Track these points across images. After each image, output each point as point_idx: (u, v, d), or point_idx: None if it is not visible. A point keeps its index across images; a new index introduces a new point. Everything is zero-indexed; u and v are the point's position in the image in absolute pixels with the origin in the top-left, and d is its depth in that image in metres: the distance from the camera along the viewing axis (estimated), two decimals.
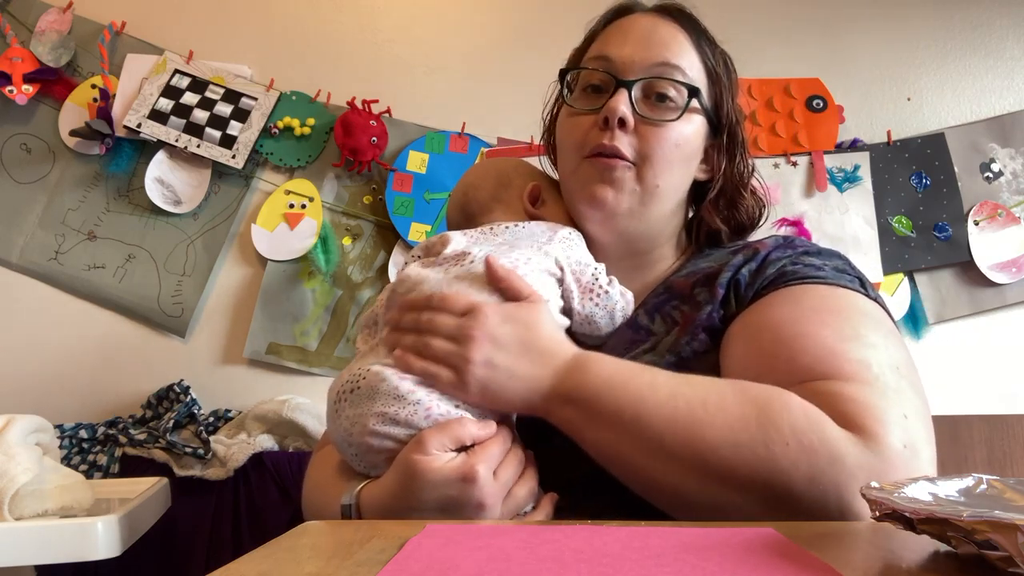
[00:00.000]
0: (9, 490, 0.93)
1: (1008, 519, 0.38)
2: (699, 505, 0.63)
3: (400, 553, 0.45)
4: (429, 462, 0.65)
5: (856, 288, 0.76)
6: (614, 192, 0.83)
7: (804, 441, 0.61)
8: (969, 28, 1.82)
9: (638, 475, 0.66)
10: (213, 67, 1.76)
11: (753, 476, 0.61)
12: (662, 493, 0.65)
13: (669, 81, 0.83)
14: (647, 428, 0.64)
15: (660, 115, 0.83)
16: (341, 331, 1.71)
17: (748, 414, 0.63)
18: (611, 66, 0.85)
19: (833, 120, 1.77)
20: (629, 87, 0.83)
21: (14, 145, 1.74)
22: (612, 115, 0.81)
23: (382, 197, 1.74)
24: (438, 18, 1.82)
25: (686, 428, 0.64)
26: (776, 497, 0.61)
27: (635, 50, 0.84)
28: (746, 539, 0.47)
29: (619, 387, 0.67)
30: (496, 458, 0.67)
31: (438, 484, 0.65)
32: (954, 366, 1.72)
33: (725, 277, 0.79)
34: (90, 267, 1.71)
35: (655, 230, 0.89)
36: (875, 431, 0.62)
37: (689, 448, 0.63)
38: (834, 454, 0.60)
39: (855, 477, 0.60)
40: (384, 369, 0.70)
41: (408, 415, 0.68)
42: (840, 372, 0.66)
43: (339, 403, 0.72)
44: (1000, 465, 1.37)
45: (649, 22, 0.87)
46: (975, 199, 1.75)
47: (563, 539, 0.48)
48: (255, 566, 0.43)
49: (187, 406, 1.59)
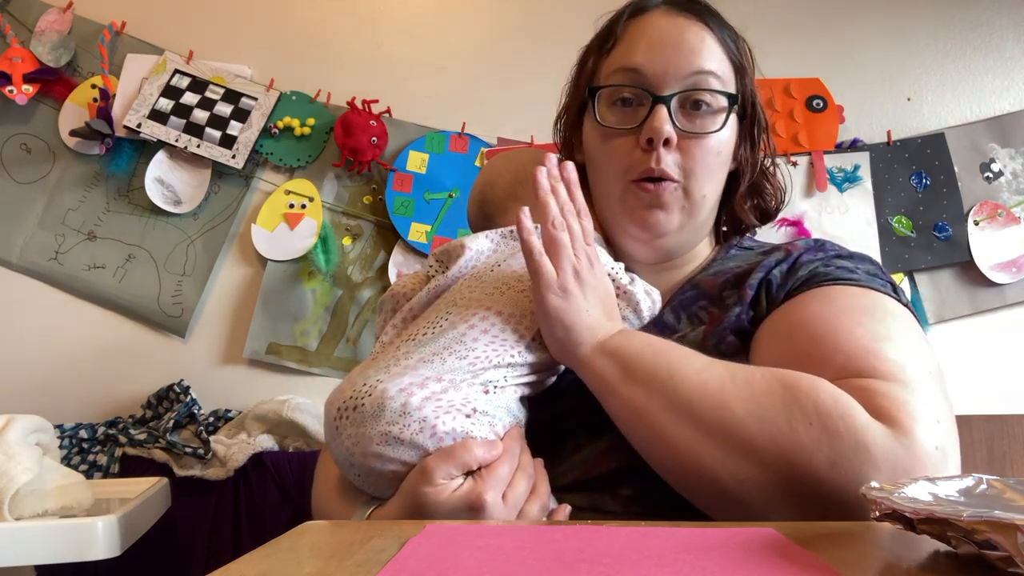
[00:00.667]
0: (9, 490, 0.93)
1: (1008, 519, 0.38)
2: (716, 479, 0.63)
3: (400, 553, 0.45)
4: (436, 493, 0.64)
5: (888, 292, 0.76)
6: (665, 214, 0.82)
7: (829, 424, 0.60)
8: (969, 28, 1.82)
9: (660, 438, 0.66)
10: (213, 67, 1.76)
11: (774, 453, 0.61)
12: (680, 461, 0.65)
13: (706, 90, 0.81)
14: (678, 391, 0.65)
15: (701, 126, 0.81)
16: (341, 331, 1.71)
17: (775, 391, 0.63)
18: (644, 80, 0.81)
19: (833, 120, 1.77)
20: (667, 102, 0.80)
21: (14, 145, 1.74)
22: (658, 136, 0.79)
23: (382, 197, 1.74)
24: (438, 18, 1.82)
25: (715, 397, 0.64)
26: (795, 478, 0.60)
27: (667, 61, 0.80)
28: (746, 539, 0.47)
29: (659, 352, 0.69)
30: (504, 480, 0.65)
31: (446, 514, 0.63)
32: (954, 366, 1.72)
33: (756, 278, 0.79)
34: (90, 267, 1.71)
35: (697, 237, 0.88)
36: (909, 426, 0.60)
37: (716, 415, 0.63)
38: (860, 442, 0.59)
39: (879, 469, 0.59)
40: (389, 386, 0.67)
41: (412, 434, 0.65)
42: (875, 371, 0.65)
43: (340, 420, 0.69)
44: (1000, 465, 1.37)
45: (672, 25, 0.83)
46: (975, 199, 1.75)
47: (563, 539, 0.48)
48: (255, 566, 0.43)
49: (187, 406, 1.59)
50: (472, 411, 0.67)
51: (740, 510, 0.63)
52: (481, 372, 0.69)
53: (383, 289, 1.72)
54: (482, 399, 0.68)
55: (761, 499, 0.61)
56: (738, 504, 0.62)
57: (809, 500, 0.60)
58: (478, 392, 0.68)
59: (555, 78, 0.96)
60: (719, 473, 0.62)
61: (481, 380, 0.69)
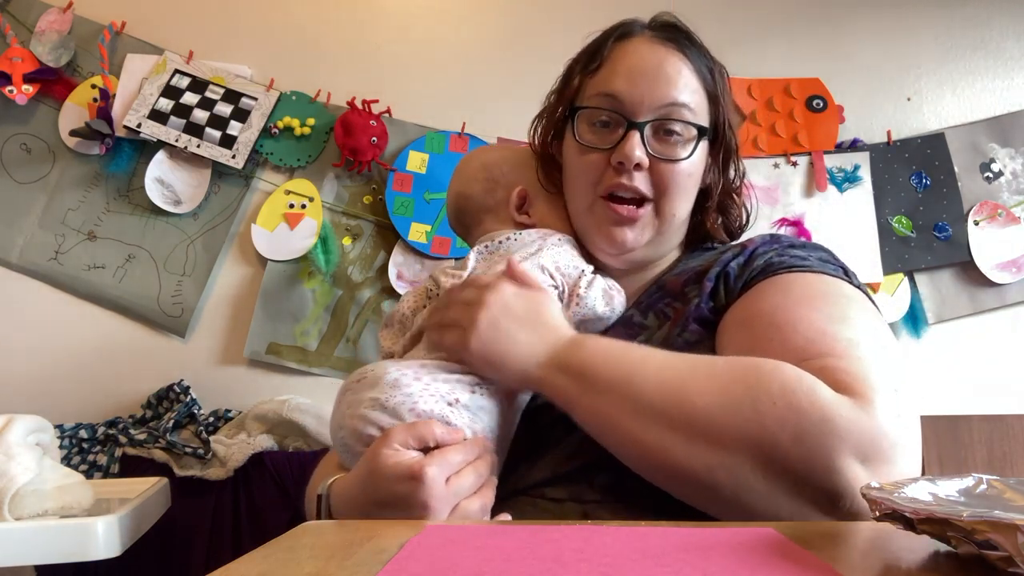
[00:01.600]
0: (9, 490, 0.93)
1: (1008, 519, 0.38)
2: (687, 471, 0.64)
3: (400, 553, 0.45)
4: (387, 456, 0.68)
5: (840, 276, 0.79)
6: (633, 232, 0.87)
7: (792, 401, 0.62)
8: (969, 28, 1.82)
9: (628, 441, 0.68)
10: (213, 67, 1.75)
11: (740, 436, 0.63)
12: (651, 459, 0.67)
13: (679, 121, 0.87)
14: (639, 393, 0.67)
15: (672, 152, 0.87)
16: (341, 331, 1.71)
17: (738, 377, 0.66)
18: (621, 106, 0.87)
19: (833, 120, 1.77)
20: (640, 128, 0.85)
21: (14, 145, 1.74)
22: (628, 161, 0.84)
23: (382, 197, 1.74)
24: (438, 18, 1.82)
25: (676, 391, 0.66)
26: (763, 456, 0.62)
27: (643, 88, 0.86)
28: (746, 539, 0.47)
29: (613, 359, 0.71)
30: (452, 465, 0.68)
31: (390, 478, 0.67)
32: (954, 366, 1.72)
33: (714, 272, 0.82)
34: (90, 267, 1.71)
35: (665, 249, 0.93)
36: (870, 397, 0.63)
37: (678, 410, 0.65)
38: (824, 414, 0.61)
39: (844, 439, 0.61)
40: (391, 366, 0.75)
41: (396, 404, 0.71)
42: (833, 350, 0.68)
43: (344, 393, 0.77)
44: (1000, 465, 1.37)
45: (653, 54, 0.88)
46: (975, 199, 1.75)
47: (563, 539, 0.48)
48: (255, 566, 0.43)
49: (187, 406, 1.59)
50: (455, 401, 0.73)
51: (715, 497, 0.65)
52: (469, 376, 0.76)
53: (383, 289, 1.72)
54: (466, 395, 0.74)
55: (732, 484, 0.63)
56: (712, 491, 0.64)
57: (777, 478, 0.62)
58: (464, 389, 0.74)
59: (555, 78, 0.98)
60: (690, 464, 0.64)
61: (469, 382, 0.75)
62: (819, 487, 0.61)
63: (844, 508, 0.61)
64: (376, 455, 0.68)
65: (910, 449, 0.64)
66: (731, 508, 0.64)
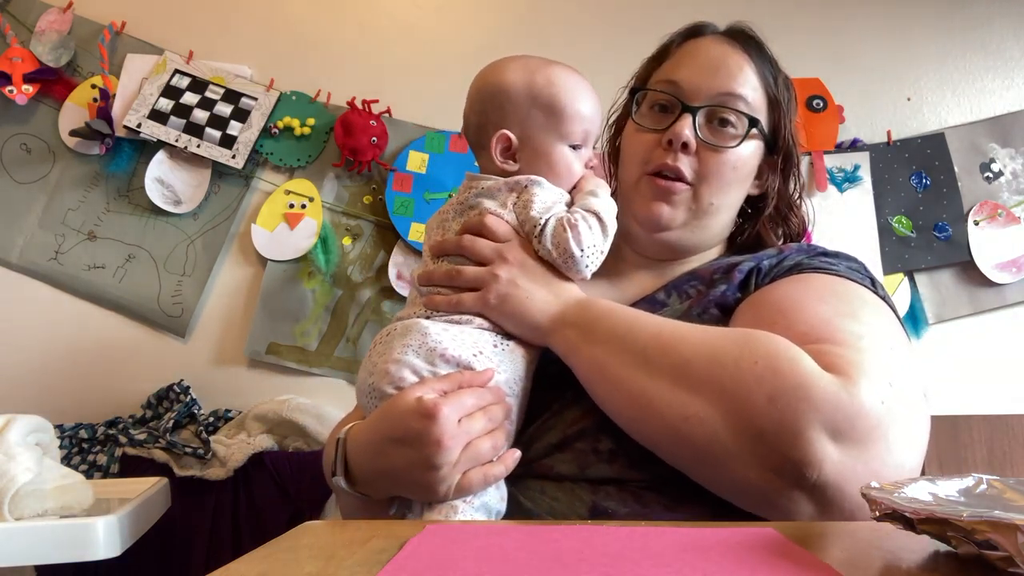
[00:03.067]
0: (9, 490, 0.93)
1: (1008, 519, 0.38)
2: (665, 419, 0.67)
3: (400, 553, 0.45)
4: (403, 395, 0.71)
5: (867, 285, 0.81)
6: (669, 208, 0.89)
7: (773, 363, 0.65)
8: (969, 28, 1.82)
9: (615, 387, 0.72)
10: (213, 67, 1.75)
11: (717, 387, 0.65)
12: (634, 407, 0.70)
13: (731, 110, 0.88)
14: (634, 343, 0.72)
15: (721, 140, 0.88)
16: (341, 331, 1.71)
17: (729, 337, 0.69)
18: (678, 90, 0.89)
19: (833, 120, 1.77)
20: (694, 112, 0.88)
21: (14, 145, 1.74)
22: (676, 139, 0.87)
23: (382, 197, 1.74)
24: (438, 18, 1.82)
25: (668, 342, 0.70)
26: (735, 411, 0.64)
27: (702, 77, 0.89)
28: (746, 539, 0.47)
29: (617, 313, 0.76)
30: (466, 407, 0.71)
31: (405, 414, 0.69)
32: (954, 366, 1.72)
33: (746, 265, 0.85)
34: (90, 267, 1.71)
35: (706, 243, 0.94)
36: (855, 378, 0.64)
37: (667, 359, 0.69)
38: (802, 381, 0.63)
39: (818, 409, 0.62)
40: (419, 319, 0.78)
41: (428, 349, 0.74)
42: (833, 338, 0.69)
43: (375, 346, 0.79)
44: (1000, 465, 1.37)
45: (718, 49, 0.91)
46: (975, 199, 1.75)
47: (563, 539, 0.48)
48: (255, 566, 0.43)
49: (187, 406, 1.59)
50: (479, 352, 0.76)
51: (688, 452, 0.67)
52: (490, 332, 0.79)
53: (383, 289, 1.72)
54: (489, 348, 0.77)
55: (704, 436, 0.65)
56: (686, 444, 0.67)
57: (747, 437, 0.63)
58: (488, 342, 0.78)
59: None
60: (667, 412, 0.67)
61: (490, 337, 0.78)
62: (786, 454, 0.62)
63: (810, 480, 0.62)
64: (395, 397, 0.71)
65: (894, 439, 0.64)
66: (702, 465, 0.67)
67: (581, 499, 0.73)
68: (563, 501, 0.74)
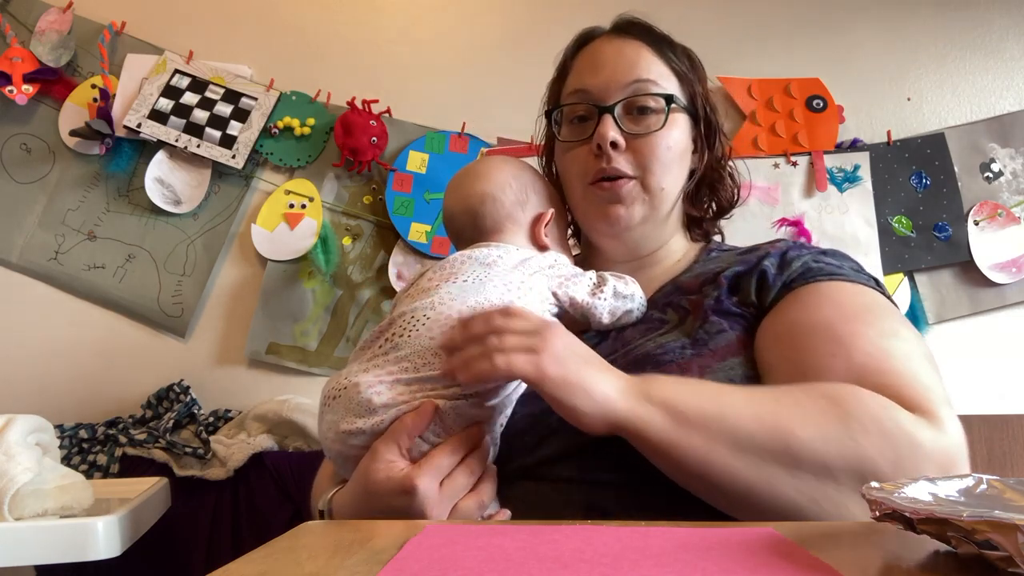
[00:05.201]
0: (9, 490, 0.93)
1: (1008, 519, 0.38)
2: (794, 504, 0.65)
3: (400, 553, 0.45)
4: (377, 472, 0.69)
5: (873, 286, 0.83)
6: (625, 207, 0.90)
7: (881, 428, 0.65)
8: (969, 28, 1.81)
9: (729, 477, 0.65)
10: (213, 67, 1.75)
11: (846, 467, 0.65)
12: (760, 497, 0.65)
13: (645, 95, 0.90)
14: (737, 428, 0.65)
15: (646, 127, 0.90)
16: (341, 331, 1.71)
17: (826, 408, 0.67)
18: (589, 96, 0.91)
19: (833, 120, 1.77)
20: (611, 111, 0.89)
21: (14, 145, 1.74)
22: (604, 141, 0.88)
23: (382, 197, 1.74)
24: (438, 18, 1.82)
25: (775, 426, 0.65)
26: (865, 482, 0.64)
27: (607, 76, 0.91)
28: (746, 539, 0.47)
29: (691, 390, 0.69)
30: (441, 469, 0.69)
31: (383, 495, 0.68)
32: (954, 366, 1.71)
33: (731, 271, 0.85)
34: (90, 267, 1.71)
35: (665, 231, 0.95)
36: (939, 415, 0.67)
37: (783, 445, 0.65)
38: (913, 440, 0.65)
39: (931, 459, 0.65)
40: (361, 380, 0.74)
41: (373, 425, 0.71)
42: (892, 368, 0.72)
43: (323, 407, 0.78)
44: (1000, 465, 1.37)
45: (612, 46, 0.94)
46: (975, 199, 1.75)
47: (563, 539, 0.48)
48: (255, 566, 0.43)
49: (187, 406, 1.59)
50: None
51: (814, 519, 0.66)
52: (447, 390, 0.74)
53: (383, 289, 1.72)
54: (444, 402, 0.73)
55: (837, 512, 0.65)
56: (813, 517, 0.66)
57: None
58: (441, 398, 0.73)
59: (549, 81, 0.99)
60: (797, 498, 0.65)
61: (448, 394, 0.73)
62: None
63: None
64: (368, 472, 0.70)
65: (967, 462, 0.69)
66: None
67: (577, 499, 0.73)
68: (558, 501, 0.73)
